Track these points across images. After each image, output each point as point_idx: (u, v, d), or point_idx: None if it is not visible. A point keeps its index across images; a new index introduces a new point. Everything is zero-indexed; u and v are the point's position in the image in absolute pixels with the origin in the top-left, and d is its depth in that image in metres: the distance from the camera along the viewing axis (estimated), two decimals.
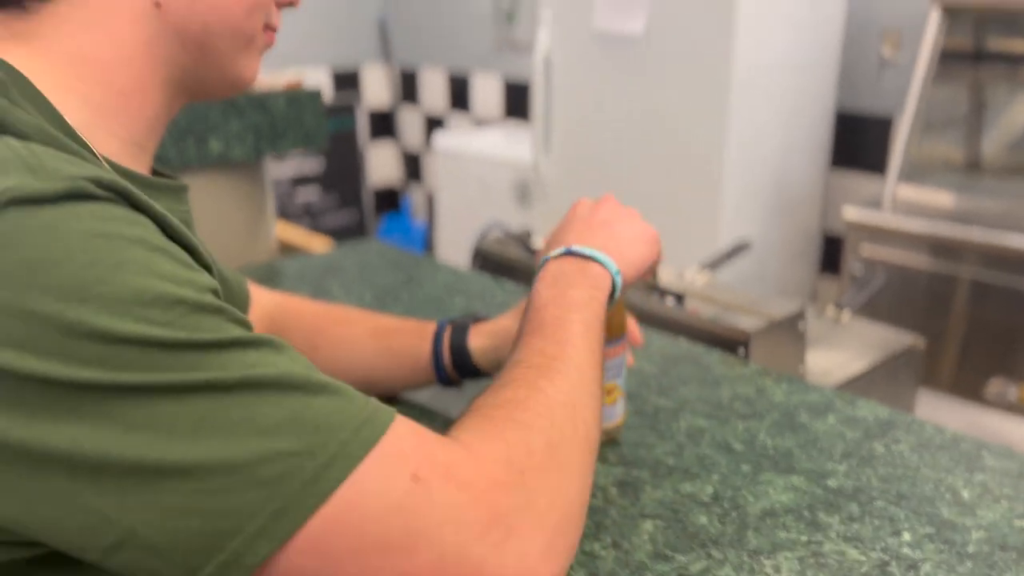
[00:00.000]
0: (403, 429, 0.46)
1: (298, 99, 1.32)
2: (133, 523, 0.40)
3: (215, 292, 0.45)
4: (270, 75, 1.43)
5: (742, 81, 2.32)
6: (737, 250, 1.55)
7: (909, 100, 2.33)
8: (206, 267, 0.49)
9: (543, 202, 2.97)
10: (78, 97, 0.51)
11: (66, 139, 0.46)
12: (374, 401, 0.46)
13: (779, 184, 2.56)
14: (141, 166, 0.56)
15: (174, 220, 0.46)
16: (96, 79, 0.52)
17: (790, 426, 0.84)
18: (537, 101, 2.83)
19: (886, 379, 1.21)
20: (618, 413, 0.81)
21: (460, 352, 0.82)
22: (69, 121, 0.48)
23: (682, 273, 1.40)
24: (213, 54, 0.56)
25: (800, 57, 2.48)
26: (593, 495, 0.73)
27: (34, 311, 0.38)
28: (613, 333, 0.75)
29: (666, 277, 1.37)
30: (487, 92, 3.91)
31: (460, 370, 0.82)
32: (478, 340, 0.82)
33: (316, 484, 0.41)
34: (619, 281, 0.68)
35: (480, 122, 3.97)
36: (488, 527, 0.45)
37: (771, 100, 2.44)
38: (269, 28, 0.60)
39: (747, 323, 1.08)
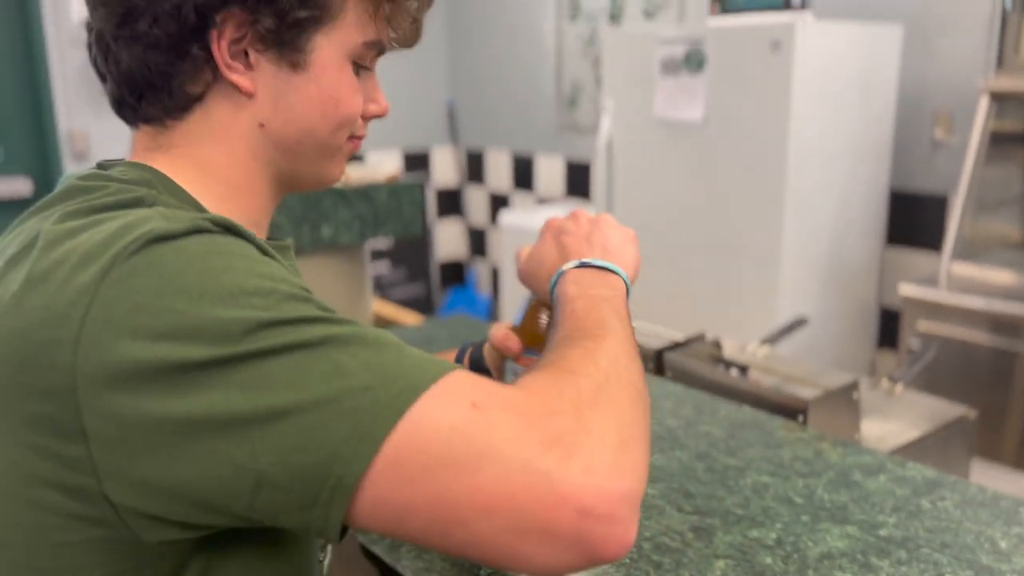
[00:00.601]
0: (462, 374, 0.53)
1: (397, 191, 1.50)
2: (262, 466, 0.49)
3: (303, 289, 0.58)
4: (370, 169, 1.61)
5: (797, 164, 2.45)
6: (794, 325, 1.65)
7: (962, 180, 2.43)
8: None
9: None
10: (205, 190, 0.67)
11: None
12: (438, 358, 0.55)
13: (835, 261, 2.66)
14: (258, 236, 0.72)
15: (270, 249, 0.61)
16: (217, 178, 0.67)
17: (845, 483, 0.95)
18: (599, 182, 3.00)
19: (938, 447, 1.30)
20: None
21: (477, 366, 0.92)
22: (202, 204, 0.65)
23: (744, 347, 1.51)
24: (304, 161, 0.70)
25: (854, 140, 2.60)
26: (671, 538, 0.84)
27: (171, 308, 0.50)
28: (531, 344, 0.83)
29: (729, 350, 1.48)
30: (549, 172, 4.11)
31: None
32: (492, 353, 0.93)
33: (388, 409, 0.50)
34: (630, 287, 0.76)
35: (543, 200, 4.16)
36: (548, 446, 0.49)
37: (826, 181, 2.56)
38: (355, 138, 0.73)
39: (805, 392, 1.19)
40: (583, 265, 0.75)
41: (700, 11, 3.29)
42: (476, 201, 4.59)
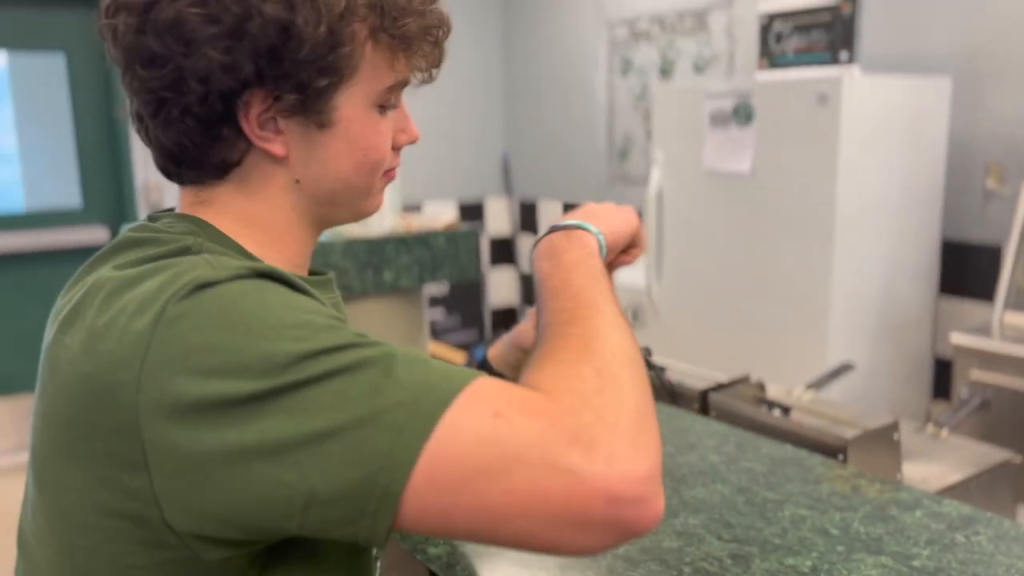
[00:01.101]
0: (484, 381, 0.57)
1: (455, 238, 1.59)
2: (312, 485, 0.53)
3: (336, 318, 0.63)
4: (429, 217, 1.71)
5: (846, 214, 2.49)
6: (840, 371, 1.69)
7: (1014, 230, 2.43)
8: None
9: (655, 324, 3.15)
10: (248, 239, 0.71)
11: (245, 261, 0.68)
12: (462, 366, 0.59)
13: (887, 310, 2.67)
14: (300, 273, 0.78)
15: (307, 286, 0.66)
16: (258, 228, 0.71)
17: (881, 517, 0.98)
18: (649, 232, 3.07)
19: (982, 491, 1.32)
20: None
21: (482, 364, 0.98)
22: (246, 250, 0.71)
23: (789, 391, 1.55)
24: (341, 206, 0.75)
25: (903, 190, 2.63)
26: (710, 563, 0.89)
27: (218, 346, 0.55)
28: None
29: (773, 393, 1.52)
30: None
31: None
32: (495, 349, 1.00)
33: (422, 421, 0.54)
34: (602, 240, 0.79)
35: None
36: (570, 443, 0.53)
37: (876, 231, 2.58)
38: (388, 172, 0.77)
39: (846, 432, 1.22)
40: (553, 229, 0.79)
41: (749, 66, 3.37)
42: (528, 250, 4.68)
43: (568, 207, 4.34)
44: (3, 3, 3.47)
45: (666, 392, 1.45)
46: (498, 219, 4.73)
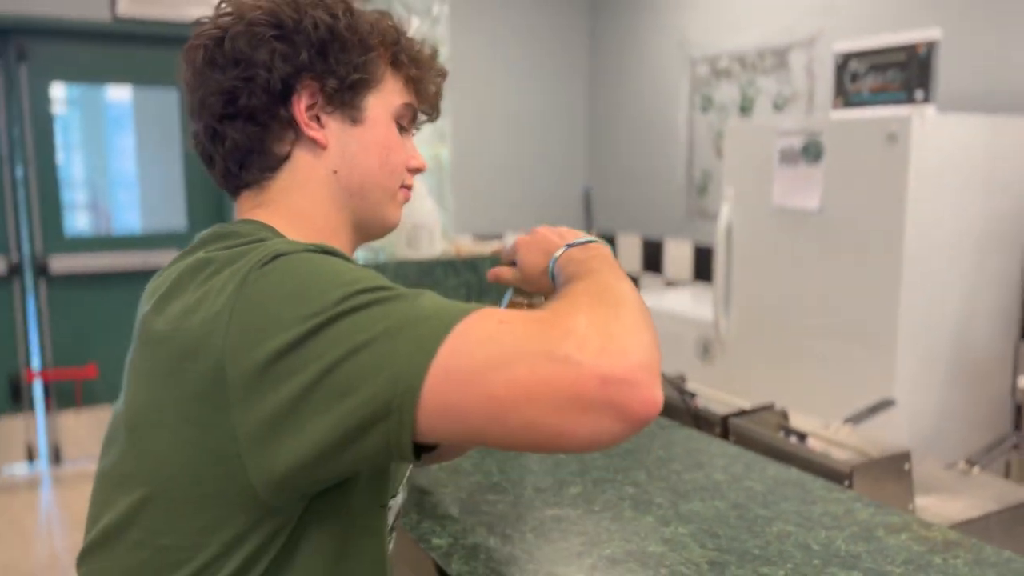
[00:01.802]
0: (494, 308, 0.68)
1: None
2: (352, 388, 0.64)
3: (384, 280, 0.75)
4: (482, 243, 1.82)
5: (915, 253, 2.47)
6: (879, 407, 1.69)
7: None
8: None
9: (722, 358, 3.16)
10: (299, 234, 0.86)
11: None
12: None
13: (962, 352, 2.62)
14: None
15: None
16: (305, 222, 0.86)
17: (865, 538, 1.02)
18: (718, 267, 3.10)
19: (1002, 528, 1.31)
20: None
21: None
22: None
23: (827, 424, 1.57)
24: (369, 201, 0.89)
25: (979, 232, 2.59)
26: (687, 568, 0.95)
27: (289, 296, 0.68)
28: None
29: (804, 424, 1.55)
30: (678, 256, 4.22)
31: None
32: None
33: (440, 328, 0.64)
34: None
35: (670, 283, 4.27)
36: (564, 337, 0.62)
37: (948, 271, 2.54)
38: (405, 187, 0.93)
39: (852, 458, 1.25)
40: (569, 247, 0.90)
41: (827, 104, 3.37)
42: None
43: (647, 242, 4.40)
44: (129, 44, 3.82)
45: (690, 416, 1.51)
46: None
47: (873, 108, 2.85)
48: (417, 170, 0.95)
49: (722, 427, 1.45)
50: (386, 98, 0.89)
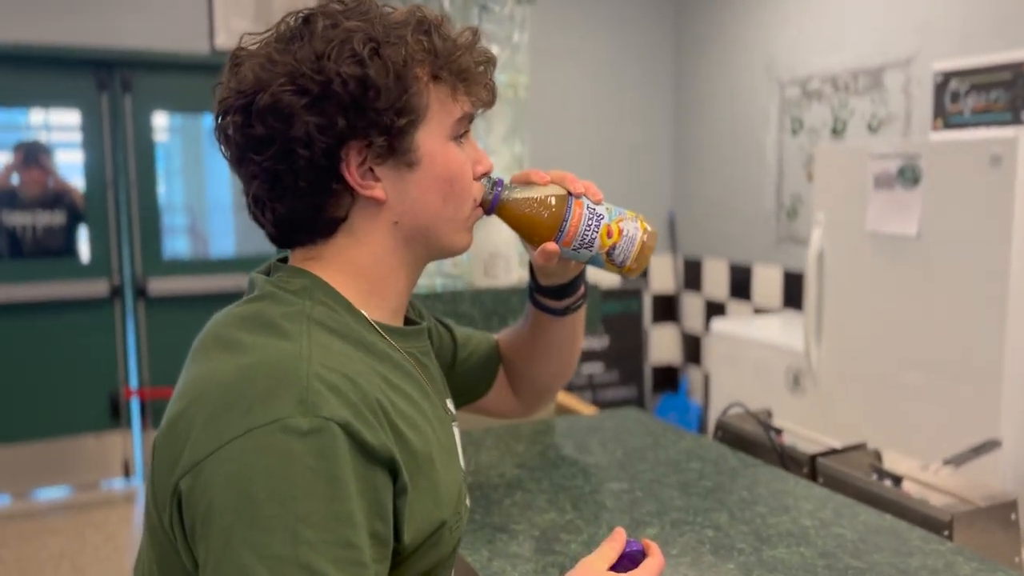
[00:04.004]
0: None
1: None
2: None
3: (381, 508, 0.70)
4: None
5: (1021, 281, 2.32)
6: (984, 448, 1.58)
7: None
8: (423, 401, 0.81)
9: (813, 390, 3.04)
10: (354, 289, 0.83)
11: (351, 319, 0.79)
12: None
13: None
14: (396, 321, 0.88)
15: (393, 401, 0.76)
16: (363, 276, 0.83)
17: None
18: (809, 294, 2.99)
19: None
20: (633, 232, 0.94)
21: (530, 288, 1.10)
22: (351, 302, 0.82)
23: (926, 466, 1.48)
24: (436, 242, 0.86)
25: None
26: None
27: (255, 497, 0.65)
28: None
29: (900, 466, 1.46)
30: (767, 282, 4.10)
31: (540, 293, 1.08)
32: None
33: None
34: None
35: (759, 310, 4.14)
36: None
37: None
38: (477, 207, 0.88)
39: (955, 507, 1.17)
40: None
41: (924, 126, 3.23)
42: (692, 308, 4.65)
43: (735, 267, 4.29)
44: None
45: (776, 454, 1.44)
46: (662, 277, 4.74)
47: (975, 130, 2.71)
48: (485, 173, 0.90)
49: (810, 467, 1.38)
50: (437, 125, 0.82)
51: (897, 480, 1.29)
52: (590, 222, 0.92)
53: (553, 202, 0.92)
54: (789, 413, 3.04)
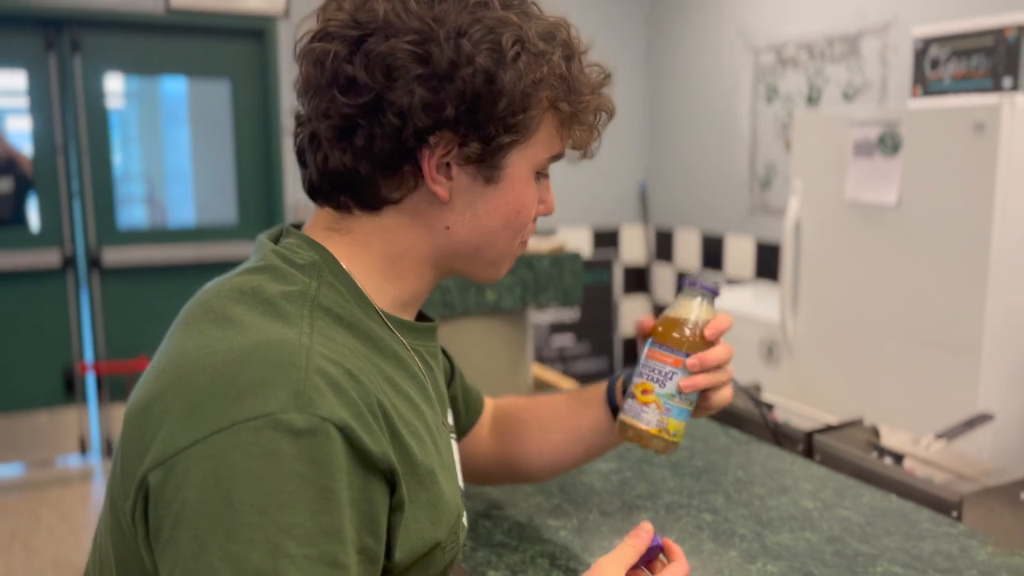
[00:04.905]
0: None
1: (560, 261, 1.58)
2: None
3: (374, 523, 0.62)
4: (538, 240, 1.71)
5: (1003, 252, 2.29)
6: (976, 422, 1.54)
7: None
8: (427, 397, 0.72)
9: (788, 361, 3.00)
10: (374, 272, 0.73)
11: (357, 308, 0.69)
12: None
13: None
14: (408, 315, 0.78)
15: (396, 405, 0.67)
16: (389, 263, 0.73)
17: None
18: (786, 265, 2.94)
19: None
20: (649, 419, 0.84)
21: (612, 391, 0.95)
22: (362, 287, 0.71)
23: (917, 440, 1.43)
24: (477, 262, 0.77)
25: None
26: None
27: (235, 503, 0.56)
28: (664, 340, 0.84)
29: (895, 440, 1.41)
30: (739, 252, 4.06)
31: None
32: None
33: None
34: None
35: (731, 280, 4.10)
36: None
37: None
38: (524, 242, 0.79)
39: (962, 486, 1.11)
40: None
41: (902, 93, 3.18)
42: (663, 279, 4.60)
43: (707, 238, 4.24)
44: (184, 35, 3.79)
45: (769, 431, 1.38)
46: (633, 247, 4.68)
47: (956, 97, 2.66)
48: (544, 215, 0.81)
49: (805, 444, 1.32)
50: (533, 153, 0.73)
51: (899, 458, 1.24)
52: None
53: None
54: (763, 384, 3.01)
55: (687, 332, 0.84)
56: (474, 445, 1.02)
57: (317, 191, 0.74)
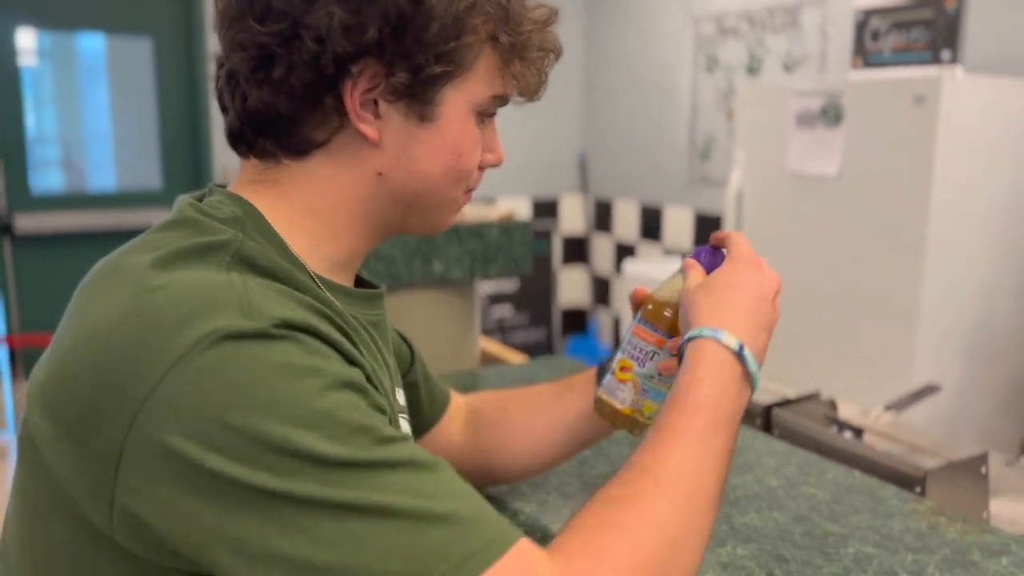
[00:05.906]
0: (508, 561, 0.51)
1: (509, 230, 1.51)
2: None
3: (382, 409, 0.57)
4: (484, 208, 1.64)
5: (940, 223, 2.31)
6: (924, 393, 1.54)
7: None
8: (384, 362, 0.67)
9: None
10: (303, 230, 0.66)
11: (285, 263, 0.62)
12: (493, 529, 0.53)
13: (982, 330, 2.48)
14: (344, 280, 0.71)
15: (348, 332, 0.62)
16: (319, 218, 0.67)
17: (961, 563, 0.86)
18: None
19: None
20: (624, 397, 0.81)
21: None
22: (291, 247, 0.65)
23: (866, 412, 1.42)
24: (418, 212, 0.70)
25: (1008, 201, 2.44)
26: None
27: (231, 423, 0.50)
28: (649, 317, 0.80)
29: (847, 413, 1.40)
30: (678, 223, 4.05)
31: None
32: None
33: (483, 556, 0.50)
34: (747, 356, 0.71)
35: (670, 251, 4.10)
36: None
37: (974, 244, 2.39)
38: (469, 190, 0.73)
39: (925, 461, 1.10)
40: (740, 355, 0.71)
41: (842, 65, 3.19)
42: (602, 250, 4.58)
43: (646, 208, 4.22)
44: None
45: None
46: (572, 217, 4.64)
47: (895, 69, 2.67)
48: (493, 165, 0.74)
49: (764, 418, 1.30)
50: (471, 90, 0.67)
51: (858, 432, 1.22)
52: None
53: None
54: None
55: (673, 312, 0.79)
56: (442, 442, 0.95)
57: (238, 137, 0.68)
